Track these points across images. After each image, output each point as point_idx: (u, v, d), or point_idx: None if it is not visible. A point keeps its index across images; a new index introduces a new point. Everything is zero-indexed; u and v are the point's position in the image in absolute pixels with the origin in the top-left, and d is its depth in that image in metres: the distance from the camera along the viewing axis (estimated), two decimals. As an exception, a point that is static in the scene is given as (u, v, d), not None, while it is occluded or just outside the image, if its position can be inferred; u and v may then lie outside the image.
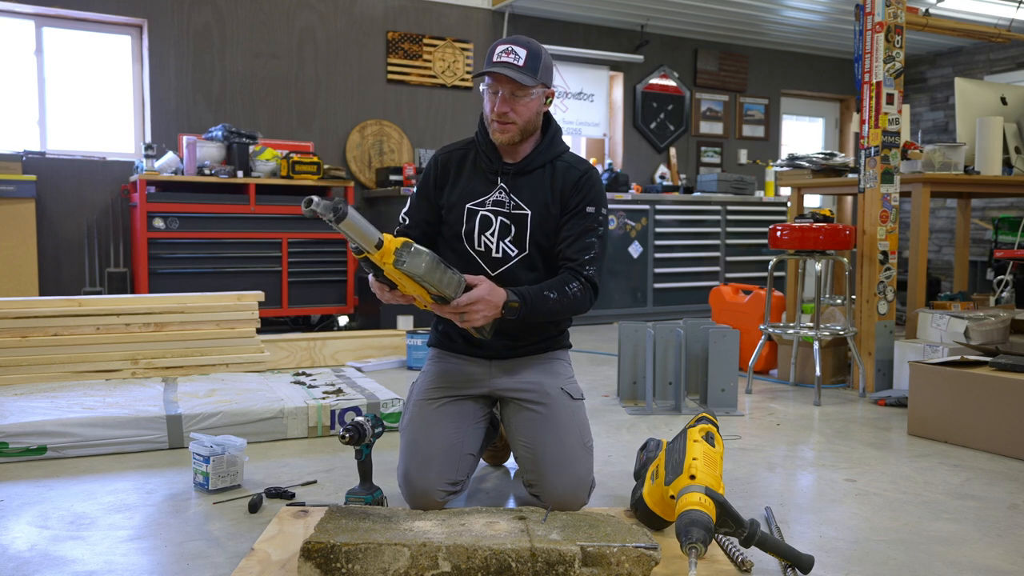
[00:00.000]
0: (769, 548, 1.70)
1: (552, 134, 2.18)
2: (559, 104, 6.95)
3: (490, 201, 2.13)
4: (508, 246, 2.12)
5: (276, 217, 5.18)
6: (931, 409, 2.96)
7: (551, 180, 2.14)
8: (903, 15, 3.69)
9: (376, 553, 1.61)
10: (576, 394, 2.16)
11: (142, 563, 1.81)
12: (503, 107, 2.04)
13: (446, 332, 2.22)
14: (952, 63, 7.98)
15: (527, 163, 2.13)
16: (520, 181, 2.13)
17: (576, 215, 2.11)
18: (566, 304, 2.04)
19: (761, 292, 4.18)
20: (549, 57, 2.11)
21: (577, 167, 2.16)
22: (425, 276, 1.78)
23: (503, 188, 2.13)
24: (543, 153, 2.15)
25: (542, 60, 2.06)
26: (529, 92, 2.04)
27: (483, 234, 2.13)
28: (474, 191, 2.15)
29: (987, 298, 4.59)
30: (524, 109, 2.06)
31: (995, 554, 1.90)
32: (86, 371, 3.37)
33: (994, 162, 4.09)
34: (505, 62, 2.03)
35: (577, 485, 2.01)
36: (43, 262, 5.15)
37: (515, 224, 2.12)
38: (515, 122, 2.06)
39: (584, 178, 2.14)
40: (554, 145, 2.18)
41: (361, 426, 2.03)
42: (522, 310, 1.97)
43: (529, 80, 2.02)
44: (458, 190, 2.16)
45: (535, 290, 2.01)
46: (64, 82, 5.43)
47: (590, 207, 2.12)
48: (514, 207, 2.12)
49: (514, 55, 2.03)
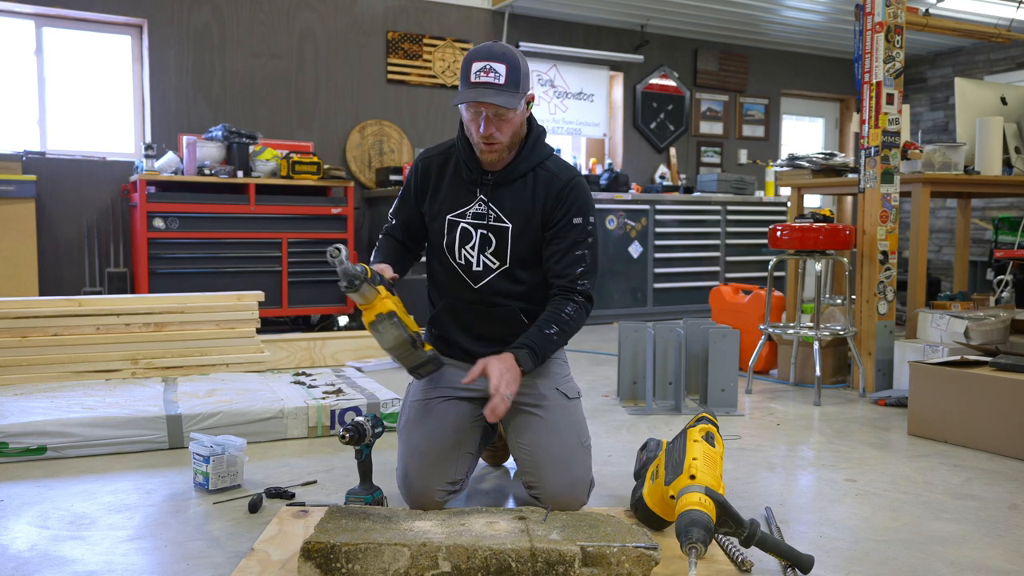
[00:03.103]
0: (769, 548, 1.70)
1: (535, 138, 2.09)
2: (559, 104, 6.96)
3: (470, 213, 2.08)
4: (489, 259, 2.08)
5: (276, 217, 5.18)
6: (931, 409, 2.96)
7: (533, 191, 2.06)
8: (903, 15, 3.69)
9: (376, 553, 1.61)
10: (572, 393, 2.15)
11: (142, 563, 1.81)
12: (488, 129, 1.95)
13: (440, 336, 2.21)
14: (952, 63, 7.98)
15: (509, 172, 2.06)
16: (501, 192, 2.06)
17: (562, 228, 2.05)
18: (568, 332, 2.06)
19: (761, 292, 4.18)
20: (526, 62, 2.02)
21: (560, 177, 2.07)
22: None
23: (483, 200, 2.07)
24: (525, 160, 2.07)
25: (521, 70, 1.96)
26: (513, 111, 1.95)
27: (463, 247, 2.09)
28: (455, 201, 2.09)
29: (987, 298, 4.59)
30: (509, 127, 1.98)
31: (995, 554, 1.90)
32: (86, 371, 3.37)
33: (994, 162, 4.09)
34: (485, 83, 1.91)
35: (576, 485, 2.01)
36: (43, 262, 5.15)
37: (495, 236, 2.07)
38: (501, 142, 1.99)
39: (567, 189, 2.05)
40: (537, 149, 2.09)
41: (361, 426, 2.03)
42: (535, 360, 2.00)
43: (514, 101, 1.93)
44: (439, 199, 2.12)
45: (537, 336, 2.01)
46: (64, 82, 5.43)
47: (576, 218, 2.05)
48: (495, 219, 2.06)
49: (494, 73, 1.91)
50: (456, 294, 2.15)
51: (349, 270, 1.79)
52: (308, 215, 5.28)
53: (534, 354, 1.99)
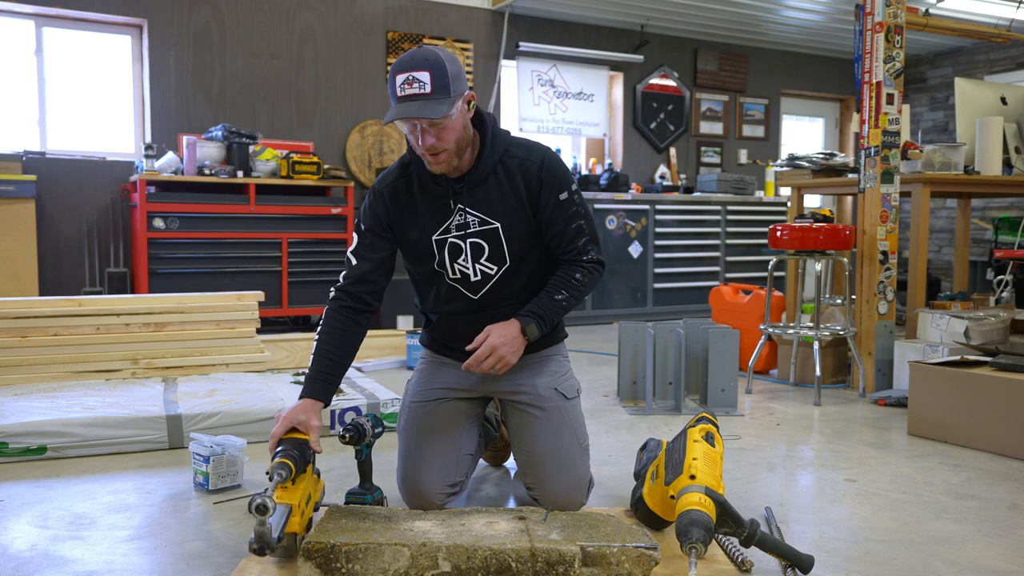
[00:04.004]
0: (769, 548, 1.70)
1: (490, 133, 2.00)
2: (559, 104, 6.95)
3: (452, 226, 2.00)
4: (485, 266, 2.02)
5: (276, 217, 5.18)
6: (931, 409, 2.96)
7: (509, 182, 2.00)
8: (903, 15, 3.69)
9: (376, 553, 1.61)
10: (570, 393, 2.12)
11: (142, 563, 1.81)
12: (427, 140, 1.86)
13: (435, 337, 2.18)
14: (952, 63, 7.98)
15: (477, 173, 1.98)
16: (477, 194, 1.99)
17: (554, 209, 2.00)
18: (577, 297, 2.05)
19: (761, 292, 4.18)
20: (455, 61, 1.89)
21: (531, 159, 2.01)
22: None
23: (461, 208, 1.99)
24: (490, 155, 1.99)
25: (448, 72, 1.85)
26: (448, 117, 1.85)
27: (455, 262, 2.02)
28: (433, 220, 2.01)
29: (987, 298, 4.58)
30: (450, 132, 1.88)
31: (995, 554, 1.90)
32: (86, 371, 3.37)
33: (994, 162, 4.09)
34: (411, 95, 1.82)
35: (574, 486, 2.01)
36: (43, 262, 5.15)
37: (487, 241, 2.00)
38: (445, 149, 1.89)
39: (543, 168, 2.00)
40: (496, 143, 2.00)
41: (361, 426, 2.03)
42: (543, 328, 1.99)
43: (444, 107, 1.83)
44: (418, 224, 2.02)
45: (545, 300, 2.01)
46: (64, 82, 5.43)
47: (562, 193, 2.01)
48: (480, 223, 2.00)
49: (418, 83, 1.82)
50: (454, 309, 2.09)
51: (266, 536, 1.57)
52: (308, 215, 5.28)
53: (541, 322, 1.99)
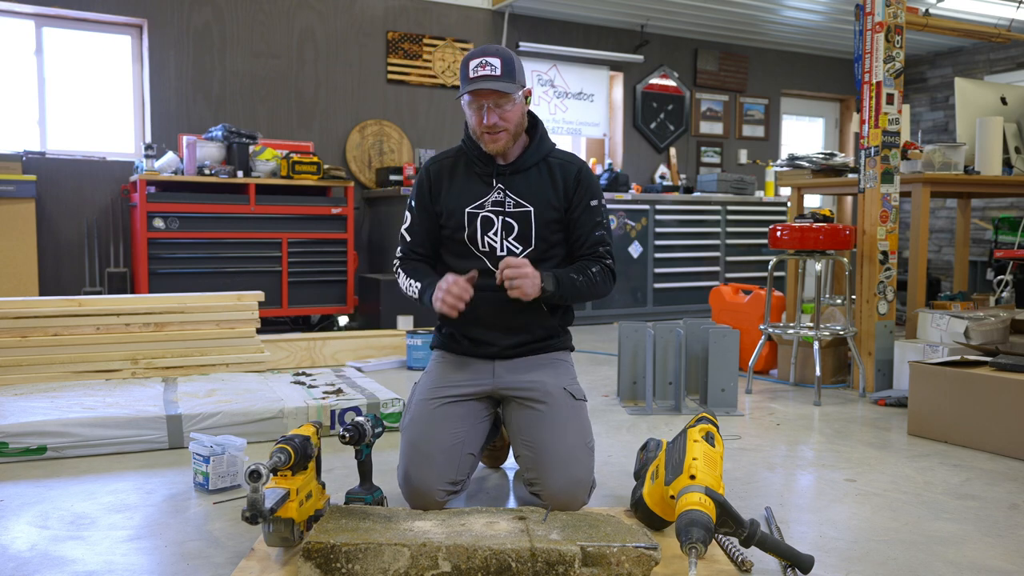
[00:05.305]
0: (769, 548, 1.70)
1: (540, 133, 2.23)
2: (559, 104, 6.96)
3: (489, 202, 2.17)
4: (513, 244, 2.16)
5: (276, 217, 5.18)
6: (931, 409, 2.96)
7: (550, 177, 2.19)
8: (903, 15, 3.69)
9: (376, 553, 1.61)
10: (579, 395, 2.17)
11: (142, 563, 1.81)
12: (491, 118, 2.09)
13: (450, 334, 2.24)
14: (952, 63, 7.98)
15: (521, 163, 2.18)
16: (517, 179, 2.18)
17: (584, 211, 2.19)
18: (590, 286, 2.15)
19: (761, 292, 4.18)
20: (519, 60, 2.17)
21: (572, 163, 2.22)
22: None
23: (500, 188, 2.17)
24: (534, 152, 2.20)
25: (516, 64, 2.12)
26: (512, 98, 2.09)
27: (486, 235, 2.17)
28: (472, 194, 2.18)
29: (987, 298, 4.59)
30: (511, 115, 2.11)
31: (995, 554, 1.90)
32: (86, 371, 3.37)
33: (994, 162, 4.09)
34: (483, 75, 2.07)
35: (577, 485, 2.01)
36: (43, 262, 5.15)
37: (518, 222, 2.16)
38: (506, 129, 2.11)
39: (583, 173, 2.21)
40: (543, 143, 2.23)
41: (361, 426, 2.03)
42: (556, 289, 2.08)
43: (511, 87, 2.08)
44: (455, 195, 2.20)
45: (562, 273, 2.12)
46: (64, 82, 5.43)
47: (593, 200, 2.21)
48: (515, 205, 2.16)
49: (490, 67, 2.07)
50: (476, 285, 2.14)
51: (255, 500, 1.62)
52: (308, 215, 5.28)
53: (557, 284, 2.09)
